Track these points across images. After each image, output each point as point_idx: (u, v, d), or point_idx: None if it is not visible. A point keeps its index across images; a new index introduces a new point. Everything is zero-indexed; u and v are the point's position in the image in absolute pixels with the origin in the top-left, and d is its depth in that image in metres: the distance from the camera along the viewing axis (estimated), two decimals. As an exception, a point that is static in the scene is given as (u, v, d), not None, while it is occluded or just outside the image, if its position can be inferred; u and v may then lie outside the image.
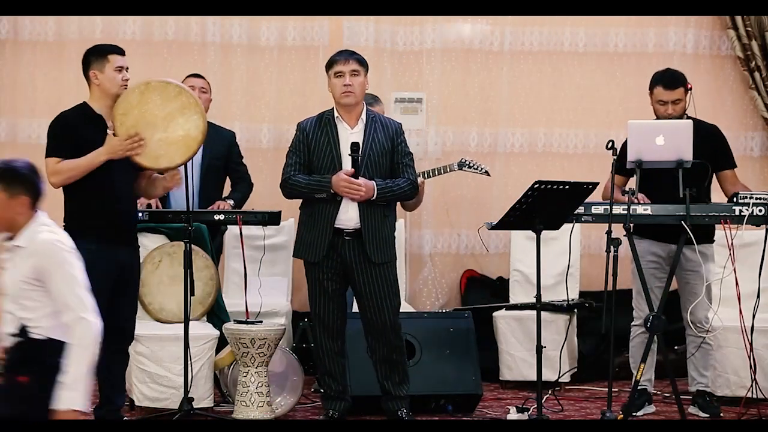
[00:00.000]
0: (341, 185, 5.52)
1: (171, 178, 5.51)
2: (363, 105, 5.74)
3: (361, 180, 5.54)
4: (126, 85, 5.37)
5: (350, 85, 5.63)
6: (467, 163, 6.95)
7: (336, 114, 5.69)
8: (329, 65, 5.73)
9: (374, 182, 5.57)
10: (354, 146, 5.55)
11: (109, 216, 5.30)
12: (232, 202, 6.54)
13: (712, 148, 6.01)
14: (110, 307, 5.30)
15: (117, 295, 5.32)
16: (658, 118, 6.01)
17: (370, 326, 5.68)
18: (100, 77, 5.33)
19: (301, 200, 6.11)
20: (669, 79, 6.01)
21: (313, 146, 5.66)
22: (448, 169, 6.99)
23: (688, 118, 6.02)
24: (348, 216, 5.60)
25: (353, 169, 5.55)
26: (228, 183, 6.88)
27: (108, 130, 5.30)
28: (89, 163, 5.27)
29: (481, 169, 6.95)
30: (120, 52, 5.41)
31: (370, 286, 5.62)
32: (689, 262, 5.92)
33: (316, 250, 5.61)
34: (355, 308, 5.93)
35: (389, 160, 5.68)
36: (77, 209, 5.30)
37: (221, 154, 6.70)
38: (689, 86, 6.03)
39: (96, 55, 5.37)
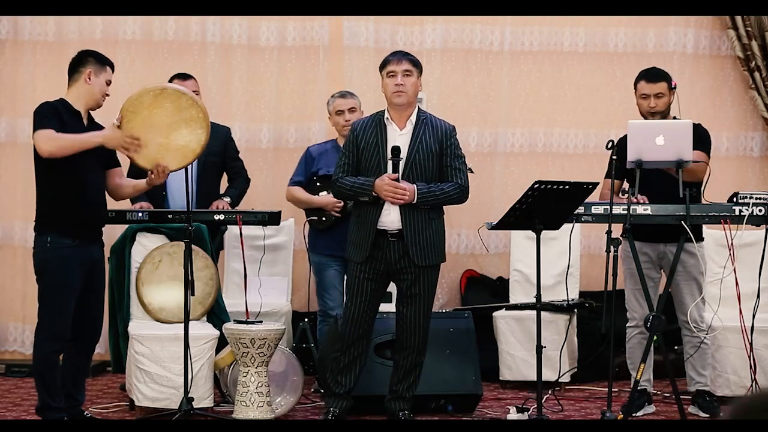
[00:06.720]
0: (384, 189, 5.49)
1: (159, 175, 5.39)
2: (415, 106, 5.69)
3: (402, 183, 5.52)
4: (104, 99, 5.41)
5: (402, 84, 5.60)
6: None
7: (387, 115, 5.68)
8: (382, 66, 5.71)
9: (416, 186, 5.55)
10: (395, 150, 5.53)
11: (83, 212, 5.32)
12: (228, 199, 6.54)
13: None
14: (81, 306, 5.34)
15: (87, 292, 5.37)
16: (642, 114, 6.03)
17: (404, 325, 5.66)
18: (93, 79, 5.34)
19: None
20: (651, 74, 6.07)
21: (362, 146, 5.64)
22: None
23: (674, 117, 6.02)
24: (390, 218, 5.57)
25: (396, 174, 5.53)
26: (225, 179, 6.88)
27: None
28: (83, 141, 5.24)
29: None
30: (114, 68, 5.46)
31: (414, 288, 5.61)
32: (679, 262, 5.91)
33: (360, 250, 5.61)
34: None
35: (437, 163, 5.62)
36: (51, 205, 5.30)
37: (217, 150, 6.68)
38: (674, 84, 6.05)
39: (97, 59, 5.39)
